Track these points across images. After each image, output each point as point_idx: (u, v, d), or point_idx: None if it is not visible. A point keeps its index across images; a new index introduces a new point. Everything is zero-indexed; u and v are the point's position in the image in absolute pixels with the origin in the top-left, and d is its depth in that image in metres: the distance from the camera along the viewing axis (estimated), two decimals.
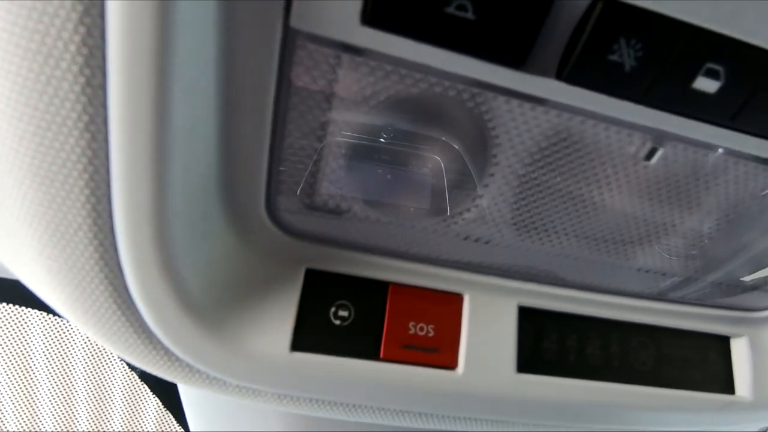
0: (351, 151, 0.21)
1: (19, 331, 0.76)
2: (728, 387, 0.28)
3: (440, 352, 0.23)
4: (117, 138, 0.15)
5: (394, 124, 0.20)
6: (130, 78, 0.14)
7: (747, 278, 0.29)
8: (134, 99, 0.14)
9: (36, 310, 0.75)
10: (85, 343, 0.78)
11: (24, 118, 0.15)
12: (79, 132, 0.15)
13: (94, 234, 0.17)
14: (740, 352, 0.28)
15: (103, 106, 0.15)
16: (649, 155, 0.20)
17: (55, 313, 0.73)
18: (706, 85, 0.16)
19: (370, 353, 0.22)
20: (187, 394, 0.42)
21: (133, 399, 0.81)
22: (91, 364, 0.79)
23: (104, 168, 0.16)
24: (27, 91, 0.14)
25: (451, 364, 0.23)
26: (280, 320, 0.21)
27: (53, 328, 0.77)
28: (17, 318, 0.75)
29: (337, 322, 0.22)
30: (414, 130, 0.20)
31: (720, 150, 0.20)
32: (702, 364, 0.28)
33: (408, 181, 0.22)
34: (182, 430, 0.80)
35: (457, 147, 0.20)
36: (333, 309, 0.22)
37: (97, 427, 0.84)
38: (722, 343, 0.28)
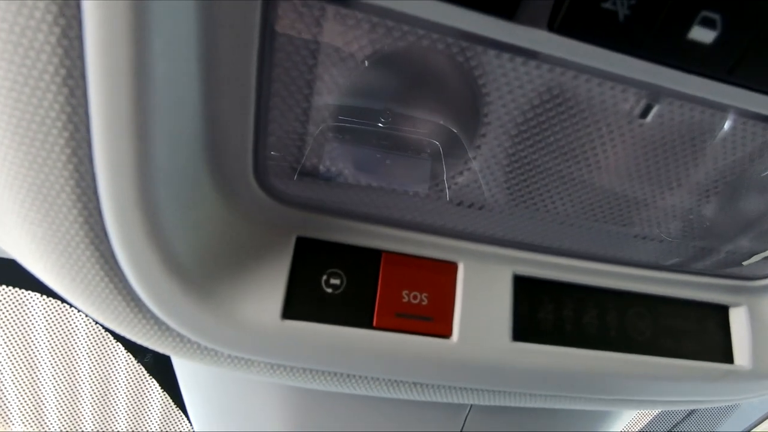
0: (341, 116, 0.20)
1: (20, 313, 0.76)
2: (727, 356, 0.28)
3: (434, 321, 0.23)
4: (96, 93, 0.15)
5: (383, 85, 0.19)
6: (108, 26, 0.13)
7: (748, 261, 0.28)
8: (113, 49, 0.14)
9: (36, 293, 0.75)
10: (87, 326, 0.78)
11: None
12: (57, 87, 0.15)
13: (78, 196, 0.17)
14: (739, 322, 0.28)
15: (81, 58, 0.14)
16: (645, 112, 0.19)
17: (53, 295, 0.73)
18: (701, 35, 0.16)
19: (363, 321, 0.22)
20: (182, 374, 0.42)
21: (136, 382, 0.81)
22: (93, 347, 0.79)
23: (84, 126, 0.15)
24: (1, 43, 0.14)
25: (445, 333, 0.23)
26: (270, 288, 0.21)
27: (54, 311, 0.77)
28: (18, 300, 0.76)
29: (329, 290, 0.22)
30: (403, 91, 0.20)
31: (719, 108, 0.19)
32: (700, 334, 0.27)
33: (399, 148, 0.22)
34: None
35: (445, 108, 0.20)
36: (325, 277, 0.22)
37: (99, 410, 0.84)
38: (721, 312, 0.28)
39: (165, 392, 0.76)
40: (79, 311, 0.76)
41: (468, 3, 0.15)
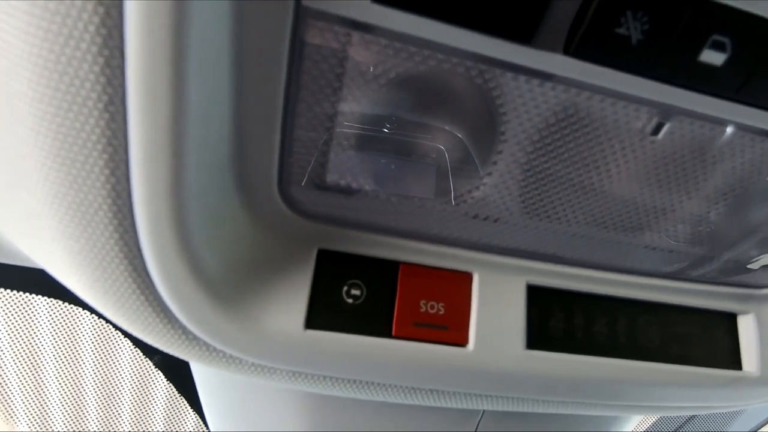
0: (361, 133, 0.21)
1: (26, 317, 0.77)
2: (735, 363, 0.28)
3: (450, 330, 0.23)
4: (135, 118, 0.15)
5: (403, 103, 0.20)
6: (148, 58, 0.14)
7: (753, 265, 0.29)
8: (152, 79, 0.15)
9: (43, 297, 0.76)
10: (93, 328, 0.79)
11: (45, 99, 0.15)
12: (98, 112, 0.15)
13: (114, 214, 0.17)
14: (747, 329, 0.29)
15: (122, 86, 0.15)
16: (656, 130, 0.20)
17: (60, 298, 0.73)
18: (712, 57, 0.17)
19: (382, 331, 0.23)
20: (200, 378, 0.43)
21: (143, 387, 0.82)
22: (99, 352, 0.80)
23: (123, 148, 0.16)
24: (48, 72, 0.15)
25: (461, 341, 0.23)
26: (294, 299, 0.22)
27: (60, 314, 0.78)
28: (24, 305, 0.76)
29: (350, 300, 0.23)
30: (423, 109, 0.20)
31: (728, 124, 0.20)
32: (709, 341, 0.28)
33: (416, 164, 0.23)
34: (193, 412, 0.82)
35: (464, 125, 0.21)
36: (345, 288, 0.23)
37: (107, 412, 0.85)
38: (729, 319, 0.29)
39: (182, 396, 0.77)
40: (85, 309, 0.77)
41: (488, 30, 0.16)
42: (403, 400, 0.26)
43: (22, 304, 0.77)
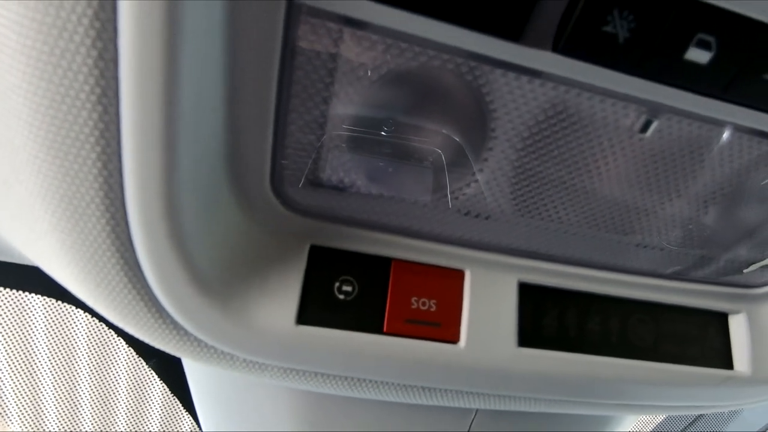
0: (353, 130, 0.21)
1: (21, 317, 0.77)
2: (726, 362, 0.28)
3: (442, 327, 0.24)
4: (128, 111, 0.16)
5: (395, 102, 0.20)
6: (141, 51, 0.14)
7: (747, 269, 0.29)
8: (145, 72, 0.15)
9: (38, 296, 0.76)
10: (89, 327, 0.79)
11: (39, 91, 0.15)
12: (91, 105, 0.15)
13: (106, 207, 0.18)
14: (738, 329, 0.29)
15: (115, 78, 0.15)
16: (645, 127, 0.20)
17: (56, 298, 0.73)
18: (698, 56, 0.17)
19: (374, 327, 0.23)
20: (193, 377, 0.43)
21: (138, 388, 0.82)
22: (93, 349, 0.80)
23: (115, 141, 0.16)
24: (42, 65, 0.15)
25: (453, 338, 0.24)
26: (285, 295, 0.22)
27: (55, 315, 0.78)
28: (19, 304, 0.76)
29: (342, 296, 0.23)
30: (414, 108, 0.21)
31: (715, 123, 0.20)
32: (700, 340, 0.28)
33: (409, 160, 0.23)
34: (189, 416, 0.81)
35: (455, 123, 0.21)
36: (337, 284, 0.23)
37: (101, 415, 0.85)
38: (720, 319, 0.29)
39: (174, 395, 0.77)
40: (79, 308, 0.77)
41: (478, 26, 0.16)
42: (394, 398, 0.26)
43: (16, 303, 0.77)
